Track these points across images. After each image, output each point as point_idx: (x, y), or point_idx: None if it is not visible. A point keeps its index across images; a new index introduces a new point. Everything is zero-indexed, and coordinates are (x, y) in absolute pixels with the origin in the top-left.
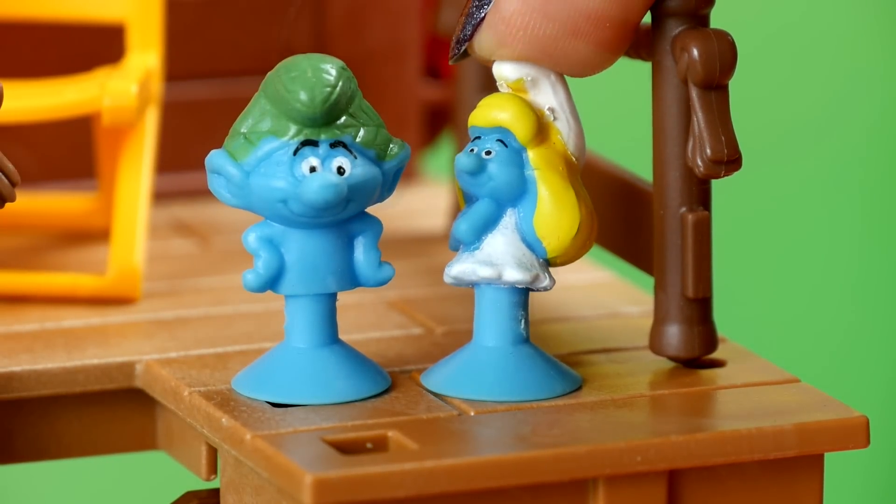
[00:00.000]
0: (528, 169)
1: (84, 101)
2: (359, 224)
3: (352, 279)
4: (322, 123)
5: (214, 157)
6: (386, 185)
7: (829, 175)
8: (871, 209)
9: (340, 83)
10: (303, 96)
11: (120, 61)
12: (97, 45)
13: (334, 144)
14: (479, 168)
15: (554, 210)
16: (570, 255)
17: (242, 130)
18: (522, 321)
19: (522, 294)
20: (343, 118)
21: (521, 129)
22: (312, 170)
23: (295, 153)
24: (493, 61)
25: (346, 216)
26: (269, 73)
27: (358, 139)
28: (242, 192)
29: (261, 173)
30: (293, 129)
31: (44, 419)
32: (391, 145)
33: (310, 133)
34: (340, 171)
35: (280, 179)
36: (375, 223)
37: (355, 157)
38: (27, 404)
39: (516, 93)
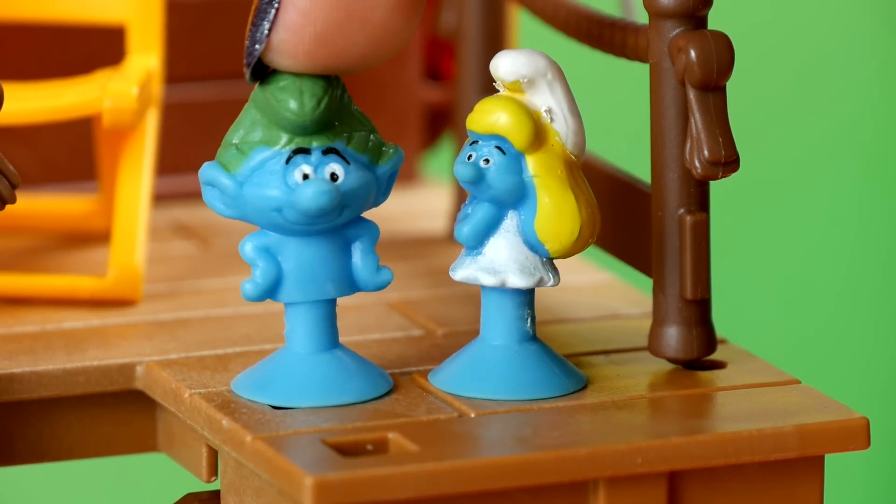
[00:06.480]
0: (527, 175)
1: (85, 102)
2: (355, 229)
3: (350, 284)
4: (312, 132)
5: (207, 170)
6: (380, 190)
7: (829, 175)
8: (870, 210)
9: (330, 91)
10: (292, 105)
11: (120, 63)
12: (98, 47)
13: (326, 151)
14: (478, 177)
15: (554, 217)
16: (573, 253)
17: (234, 141)
18: (528, 319)
19: (527, 294)
20: (334, 125)
21: (518, 137)
22: (305, 177)
23: (287, 161)
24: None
25: (341, 222)
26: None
27: (350, 145)
28: (237, 203)
29: (254, 183)
30: (284, 137)
31: (44, 421)
32: (384, 149)
33: (301, 141)
34: (334, 177)
35: (273, 188)
36: (372, 227)
37: (348, 163)
38: (27, 406)
39: (513, 94)
